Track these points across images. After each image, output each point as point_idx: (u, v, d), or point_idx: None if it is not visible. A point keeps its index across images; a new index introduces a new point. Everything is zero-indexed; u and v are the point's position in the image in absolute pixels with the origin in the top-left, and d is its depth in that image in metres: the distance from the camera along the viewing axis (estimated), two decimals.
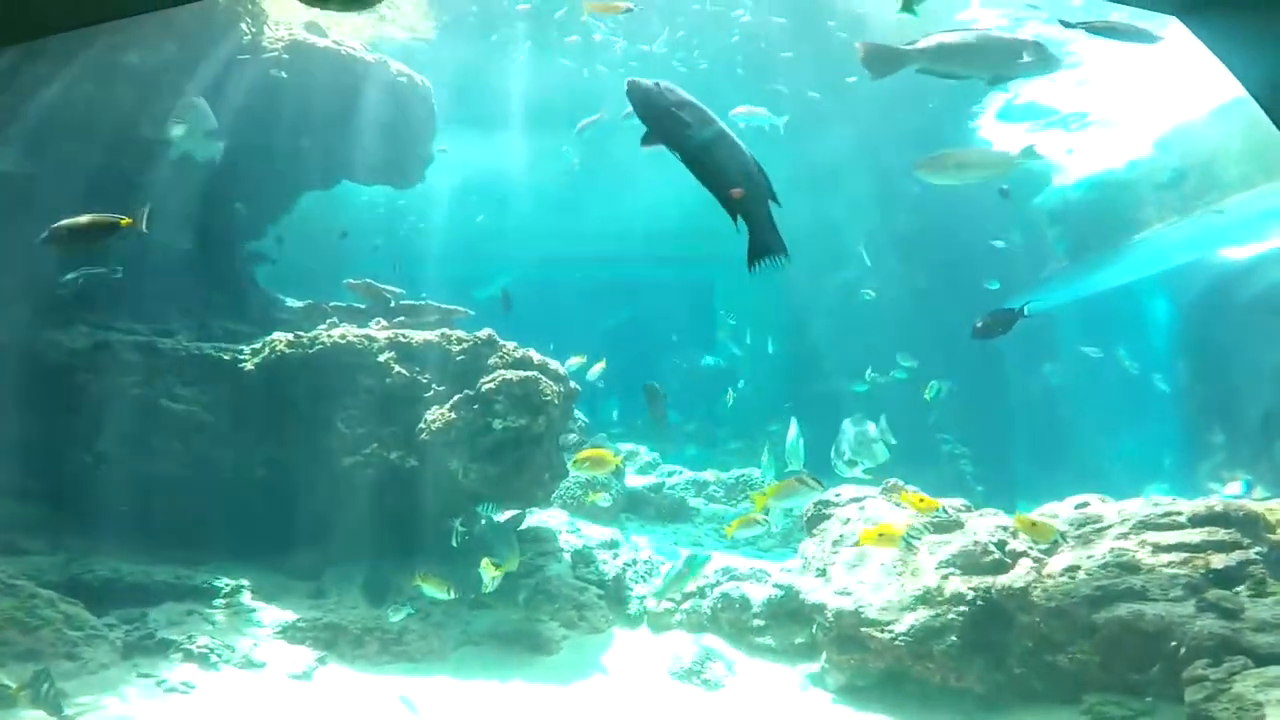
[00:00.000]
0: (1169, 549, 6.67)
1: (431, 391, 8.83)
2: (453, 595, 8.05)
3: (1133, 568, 6.68)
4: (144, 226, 5.84)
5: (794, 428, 8.16)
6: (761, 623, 8.54)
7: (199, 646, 7.19)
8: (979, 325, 7.80)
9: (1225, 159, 12.69)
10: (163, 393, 8.73)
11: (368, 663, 7.76)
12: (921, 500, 7.24)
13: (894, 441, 7.69)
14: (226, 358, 8.97)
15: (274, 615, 8.02)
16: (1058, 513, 7.73)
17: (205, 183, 9.83)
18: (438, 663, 7.96)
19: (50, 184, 8.30)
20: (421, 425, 8.60)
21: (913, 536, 7.29)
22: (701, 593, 9.10)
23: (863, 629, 7.48)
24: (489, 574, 7.61)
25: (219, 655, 7.23)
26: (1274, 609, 5.78)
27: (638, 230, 18.89)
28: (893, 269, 15.19)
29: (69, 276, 8.41)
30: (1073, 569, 7.00)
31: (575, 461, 7.77)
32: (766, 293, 15.74)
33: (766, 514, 7.78)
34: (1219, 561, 6.36)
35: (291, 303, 10.50)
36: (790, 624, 8.38)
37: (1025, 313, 7.64)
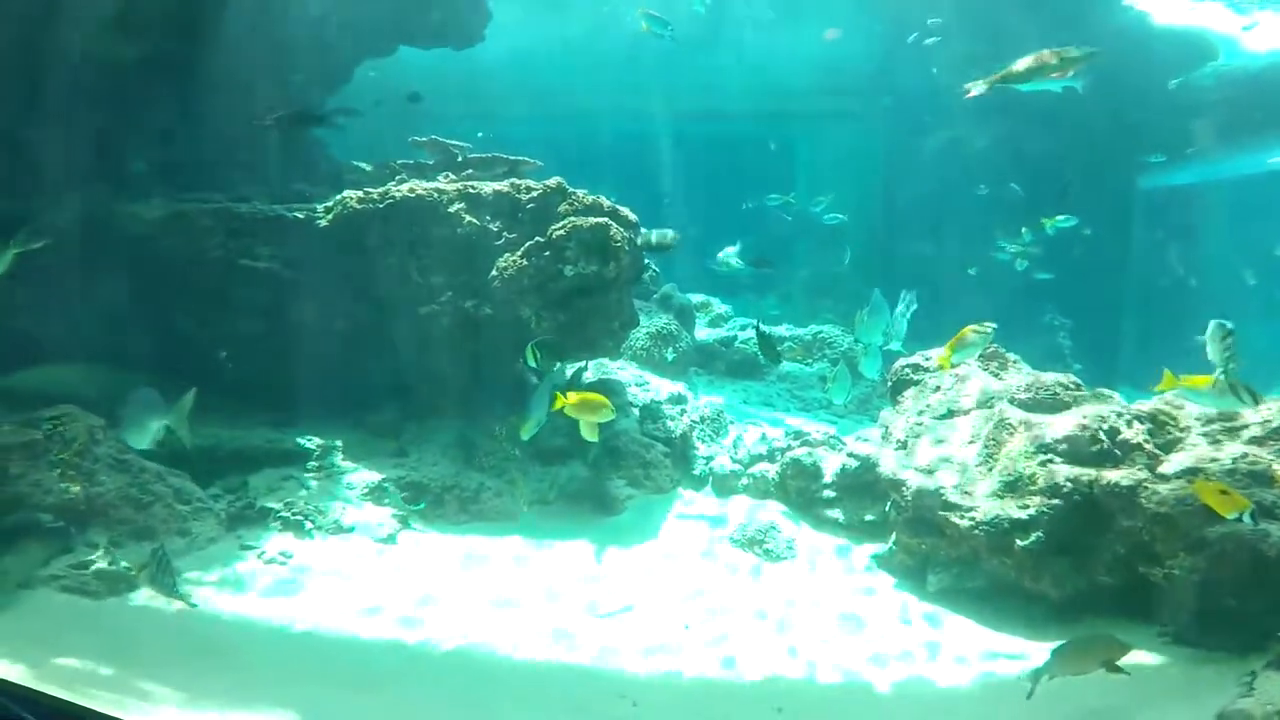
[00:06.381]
0: None
1: (503, 240, 8.77)
2: (552, 500, 8.44)
3: (1266, 479, 5.49)
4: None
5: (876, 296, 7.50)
6: (832, 494, 8.07)
7: (295, 514, 7.66)
8: None
9: None
10: (243, 253, 8.93)
11: (447, 523, 8.07)
12: (1226, 493, 4.94)
13: (909, 315, 7.42)
14: (301, 216, 9.10)
15: (362, 477, 8.38)
16: (1184, 403, 6.45)
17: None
18: (509, 523, 8.19)
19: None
20: (494, 272, 8.54)
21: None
22: (771, 456, 8.72)
23: (940, 512, 6.87)
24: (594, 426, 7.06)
25: (313, 522, 7.68)
26: None
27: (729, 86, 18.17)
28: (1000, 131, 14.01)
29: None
30: (1192, 472, 5.88)
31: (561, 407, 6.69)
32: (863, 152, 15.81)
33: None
34: None
35: (362, 165, 10.32)
36: (862, 498, 7.85)
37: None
